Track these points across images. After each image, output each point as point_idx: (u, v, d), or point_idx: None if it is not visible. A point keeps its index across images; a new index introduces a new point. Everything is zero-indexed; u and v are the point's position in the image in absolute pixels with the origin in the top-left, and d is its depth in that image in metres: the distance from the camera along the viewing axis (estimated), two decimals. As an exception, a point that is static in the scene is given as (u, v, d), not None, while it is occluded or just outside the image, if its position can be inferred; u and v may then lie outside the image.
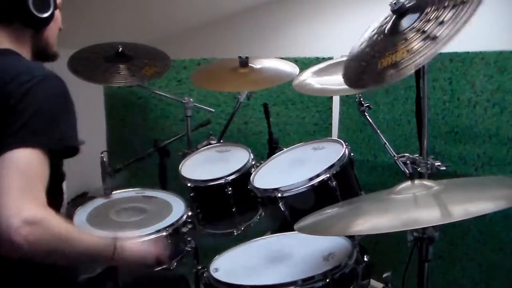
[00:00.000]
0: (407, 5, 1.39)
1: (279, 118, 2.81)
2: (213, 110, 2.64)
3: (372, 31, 1.50)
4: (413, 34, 1.31)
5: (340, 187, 1.78)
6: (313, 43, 3.50)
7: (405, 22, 1.37)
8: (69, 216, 1.98)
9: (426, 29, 1.28)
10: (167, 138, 2.51)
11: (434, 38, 1.23)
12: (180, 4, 3.44)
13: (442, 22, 1.24)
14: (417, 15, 1.34)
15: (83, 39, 2.35)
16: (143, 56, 2.43)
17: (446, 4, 1.27)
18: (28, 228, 1.02)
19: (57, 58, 1.37)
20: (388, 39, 1.40)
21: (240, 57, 2.33)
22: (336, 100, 2.77)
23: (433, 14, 1.30)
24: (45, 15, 1.27)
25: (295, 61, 2.52)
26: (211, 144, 2.34)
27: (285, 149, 2.11)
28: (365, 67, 1.42)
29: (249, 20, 3.69)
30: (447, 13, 1.24)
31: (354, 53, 1.52)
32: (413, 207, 1.25)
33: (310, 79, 2.09)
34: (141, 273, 1.51)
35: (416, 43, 1.28)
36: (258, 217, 2.09)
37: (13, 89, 1.10)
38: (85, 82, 2.23)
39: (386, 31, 1.42)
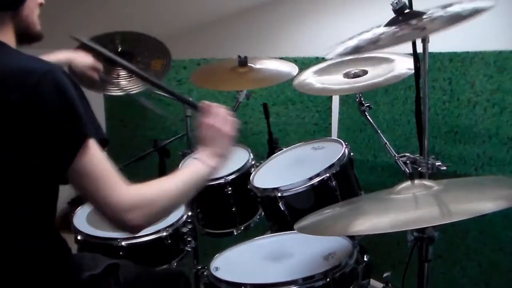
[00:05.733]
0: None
1: (279, 118, 2.81)
2: (213, 110, 2.63)
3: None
4: (405, 26, 1.38)
5: (340, 187, 1.78)
6: (313, 43, 3.50)
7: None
8: (69, 216, 1.99)
9: (417, 24, 1.35)
10: (167, 138, 2.51)
11: (423, 29, 1.33)
12: (180, 4, 3.44)
13: (434, 19, 1.31)
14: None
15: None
16: (143, 49, 2.40)
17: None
18: (131, 215, 1.12)
19: (41, 38, 1.31)
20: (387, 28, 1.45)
21: (239, 57, 2.34)
22: (336, 100, 2.77)
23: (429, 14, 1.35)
24: None
25: (295, 61, 2.52)
26: (210, 144, 2.33)
27: (285, 149, 2.11)
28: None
29: (249, 20, 3.68)
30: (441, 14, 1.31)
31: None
32: (413, 207, 1.25)
33: (310, 78, 2.09)
34: (142, 271, 1.51)
35: (405, 31, 1.36)
36: (258, 217, 2.10)
37: (26, 89, 1.07)
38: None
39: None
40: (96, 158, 1.12)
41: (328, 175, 1.77)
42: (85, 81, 2.05)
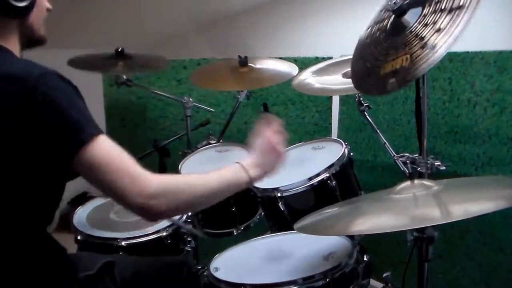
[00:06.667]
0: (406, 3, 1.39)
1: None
2: (213, 110, 2.64)
3: (373, 26, 1.50)
4: (412, 39, 1.30)
5: (340, 186, 1.78)
6: (313, 43, 3.50)
7: (405, 20, 1.37)
8: (69, 216, 1.99)
9: (424, 35, 1.27)
10: (167, 138, 2.51)
11: (433, 47, 1.22)
12: (180, 4, 3.44)
13: (439, 30, 1.23)
14: (416, 14, 1.34)
15: (84, 38, 2.35)
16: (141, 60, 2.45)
17: (443, 7, 1.27)
18: (156, 201, 1.13)
19: (45, 42, 1.33)
20: (389, 40, 1.39)
21: (239, 57, 2.34)
22: (335, 100, 2.77)
23: (431, 17, 1.29)
24: (24, 3, 1.21)
25: (295, 61, 2.52)
26: (210, 143, 2.34)
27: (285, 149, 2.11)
28: (370, 70, 1.43)
29: (249, 20, 3.68)
30: (444, 19, 1.24)
31: (359, 50, 1.52)
32: (413, 207, 1.25)
33: (310, 78, 2.09)
34: (140, 263, 1.51)
35: (416, 49, 1.27)
36: (258, 217, 2.09)
37: (22, 93, 1.08)
38: (85, 82, 2.22)
39: (387, 29, 1.43)
40: (110, 151, 1.13)
41: (328, 175, 1.77)
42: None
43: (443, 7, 1.27)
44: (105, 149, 1.12)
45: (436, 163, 1.58)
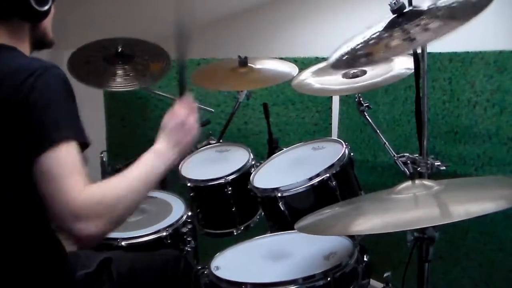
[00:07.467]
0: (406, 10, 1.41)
1: (279, 118, 2.81)
2: (213, 110, 2.64)
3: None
4: (398, 33, 1.36)
5: (340, 187, 1.78)
6: (313, 43, 3.50)
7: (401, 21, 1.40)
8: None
9: (411, 31, 1.33)
10: (167, 138, 2.50)
11: (412, 40, 1.30)
12: (179, 5, 3.44)
13: (427, 29, 1.29)
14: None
15: (84, 38, 2.35)
16: (143, 53, 2.43)
17: (440, 15, 1.31)
18: (89, 222, 1.06)
19: (53, 45, 1.36)
20: (382, 32, 1.44)
21: (239, 57, 2.34)
22: (335, 100, 2.77)
23: (424, 21, 1.33)
24: (45, 8, 1.25)
25: (295, 61, 2.52)
26: (210, 144, 2.34)
27: (285, 149, 2.11)
28: (351, 50, 1.48)
29: (249, 20, 3.68)
30: (436, 23, 1.30)
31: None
32: (413, 207, 1.25)
33: (310, 79, 2.09)
34: (136, 263, 1.51)
35: (396, 41, 1.34)
36: (258, 217, 2.09)
37: (15, 86, 1.09)
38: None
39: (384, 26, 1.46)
40: (64, 160, 1.08)
41: (328, 175, 1.77)
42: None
43: (440, 15, 1.32)
44: (63, 157, 1.07)
45: (436, 163, 1.58)
